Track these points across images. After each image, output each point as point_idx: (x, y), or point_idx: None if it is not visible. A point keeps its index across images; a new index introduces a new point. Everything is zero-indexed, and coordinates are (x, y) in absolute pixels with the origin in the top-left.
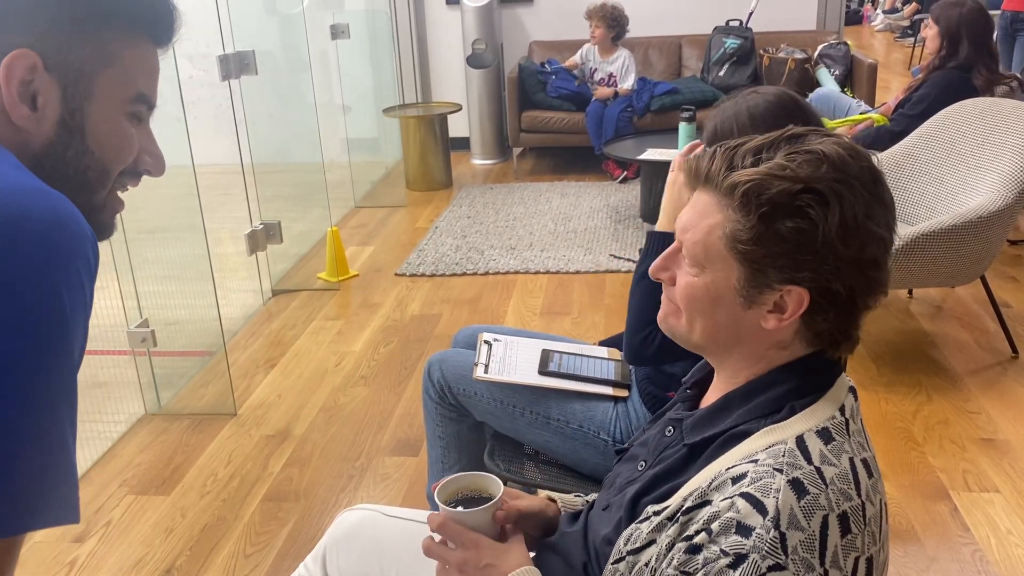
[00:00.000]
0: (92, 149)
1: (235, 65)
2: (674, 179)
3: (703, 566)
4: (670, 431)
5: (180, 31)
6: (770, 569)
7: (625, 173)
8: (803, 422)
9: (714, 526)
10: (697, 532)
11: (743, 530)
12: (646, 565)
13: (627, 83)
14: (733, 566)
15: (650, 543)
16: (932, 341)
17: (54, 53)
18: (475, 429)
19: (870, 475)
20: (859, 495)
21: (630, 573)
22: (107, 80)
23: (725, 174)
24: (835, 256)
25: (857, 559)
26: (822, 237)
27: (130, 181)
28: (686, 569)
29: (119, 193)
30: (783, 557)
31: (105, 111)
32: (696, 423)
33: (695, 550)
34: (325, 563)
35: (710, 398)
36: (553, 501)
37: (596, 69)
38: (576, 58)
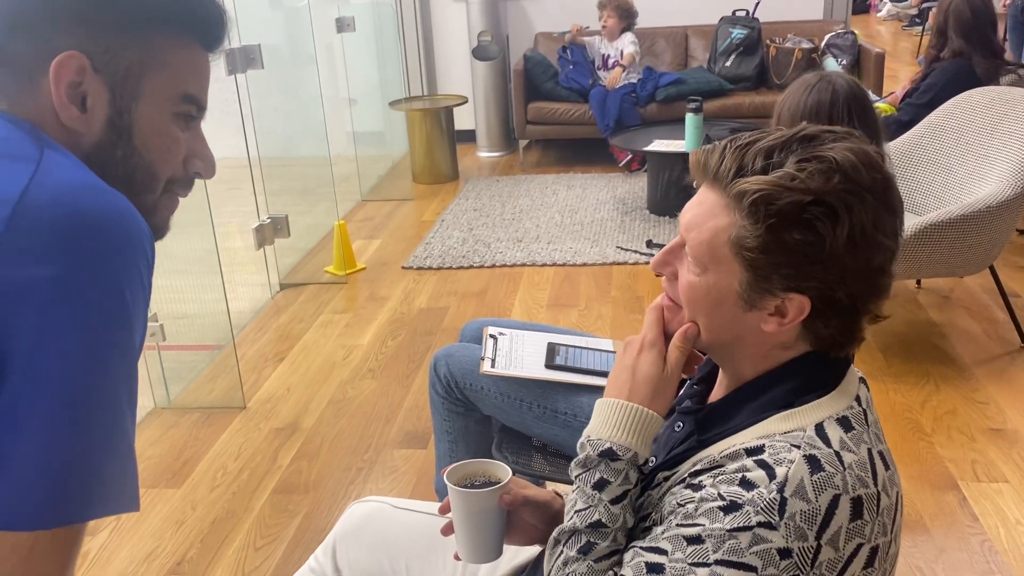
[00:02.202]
0: (139, 150)
1: (241, 59)
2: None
3: (698, 502)
4: (679, 426)
5: (229, 33)
6: (759, 525)
7: (630, 160)
8: (822, 409)
9: (720, 477)
10: (702, 482)
11: (746, 484)
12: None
13: (629, 50)
14: (724, 510)
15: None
16: (940, 331)
17: (102, 54)
18: (482, 423)
19: (887, 467)
20: (875, 485)
21: (640, 533)
22: (155, 82)
23: (734, 176)
24: (840, 267)
25: (860, 546)
26: (829, 250)
27: (182, 188)
28: (680, 500)
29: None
30: (776, 518)
31: (152, 112)
32: (707, 418)
33: (696, 488)
34: (335, 555)
35: (718, 393)
36: (560, 496)
37: (607, 55)
38: (583, 39)
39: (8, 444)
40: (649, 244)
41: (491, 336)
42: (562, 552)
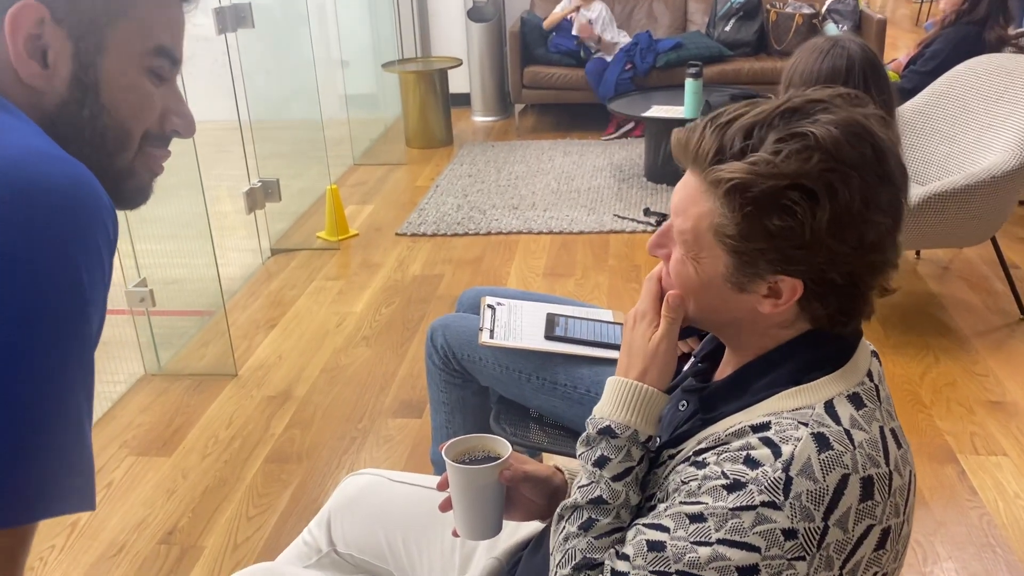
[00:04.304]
0: (108, 108)
1: (231, 18)
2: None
3: (701, 479)
4: (684, 405)
5: None
6: (763, 504)
7: (631, 128)
8: (832, 386)
9: (724, 455)
10: (706, 459)
11: (750, 462)
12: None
13: (608, 35)
14: (728, 489)
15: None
16: (939, 302)
17: (63, 4)
18: (479, 394)
19: (899, 446)
20: (887, 464)
21: (644, 512)
22: (122, 32)
23: (712, 162)
24: (827, 250)
25: (871, 527)
26: (812, 234)
27: (158, 145)
28: (684, 479)
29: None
30: (780, 498)
31: (120, 66)
32: (712, 396)
33: (700, 466)
34: (330, 529)
35: (724, 372)
36: (560, 471)
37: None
38: (562, 5)
39: None
40: (647, 212)
41: (489, 306)
42: (564, 527)
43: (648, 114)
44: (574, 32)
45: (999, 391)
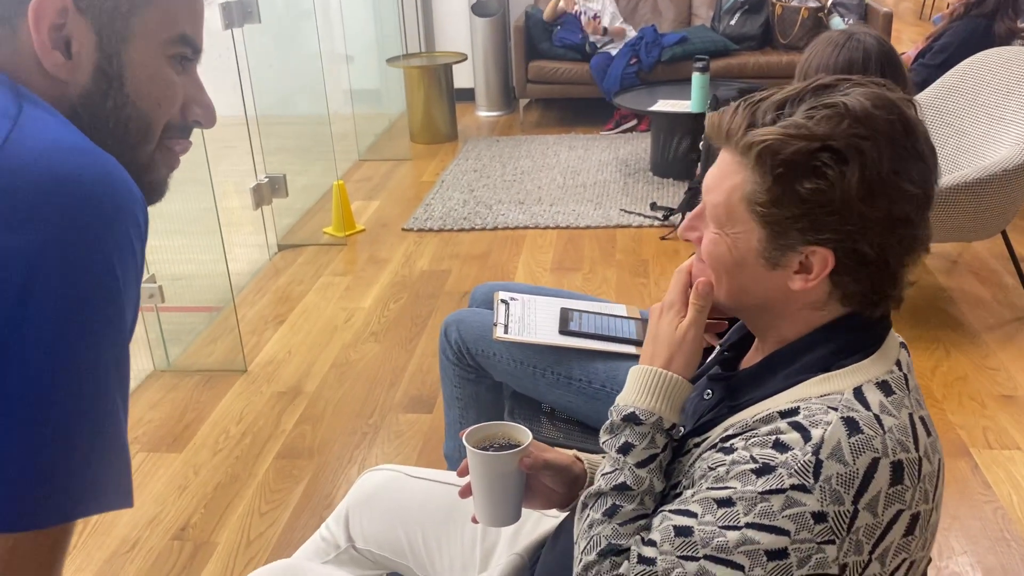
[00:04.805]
0: (132, 98)
1: (238, 12)
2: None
3: (729, 464)
4: (709, 394)
5: None
6: (793, 488)
7: (636, 123)
8: (861, 373)
9: (752, 440)
10: (734, 445)
11: (780, 446)
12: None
13: (616, 23)
14: (757, 473)
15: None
16: (949, 296)
17: None
18: (493, 390)
19: (928, 433)
20: (917, 450)
21: (670, 500)
22: (145, 22)
23: (744, 132)
24: (859, 216)
25: (900, 512)
26: (842, 197)
27: (179, 137)
28: (711, 464)
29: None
30: (811, 481)
31: (144, 55)
32: (739, 384)
33: (727, 451)
34: (348, 525)
35: (751, 360)
36: (580, 460)
37: (582, 12)
38: (562, 4)
39: None
40: (653, 207)
41: (503, 301)
42: (588, 515)
43: (654, 108)
44: (589, 36)
45: (1011, 385)
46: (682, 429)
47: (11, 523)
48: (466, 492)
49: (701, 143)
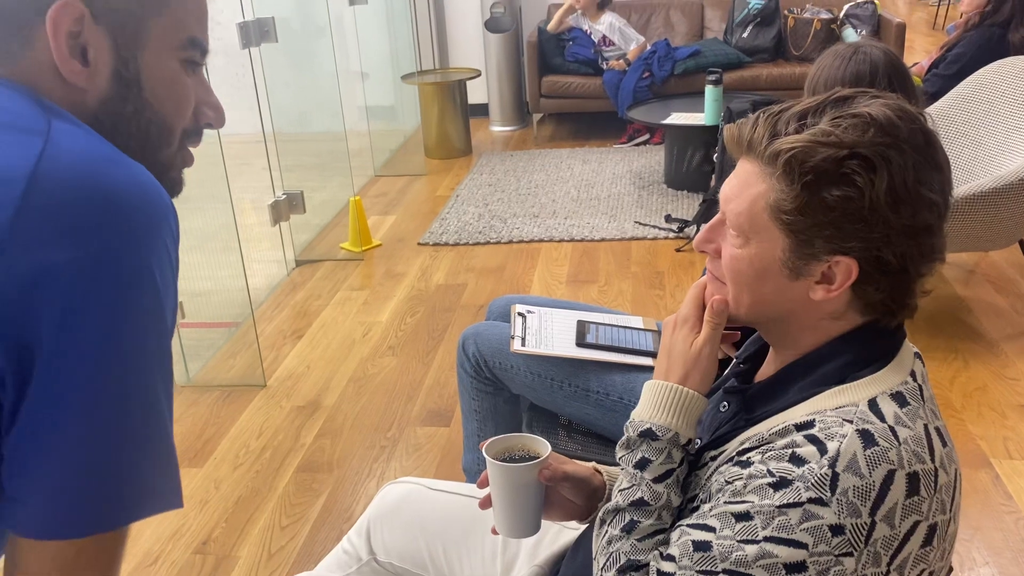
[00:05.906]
0: (151, 103)
1: (255, 32)
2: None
3: (746, 478)
4: (725, 406)
5: None
6: (810, 501)
7: (650, 136)
8: (875, 385)
9: (769, 453)
10: (751, 459)
11: (796, 460)
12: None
13: (632, 45)
14: (774, 487)
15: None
16: (967, 306)
17: (100, 1)
18: (511, 402)
19: (944, 444)
20: (933, 461)
21: (687, 514)
22: (158, 27)
23: (768, 141)
24: (885, 224)
25: (918, 523)
26: (870, 204)
27: (192, 140)
28: (728, 479)
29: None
30: (828, 494)
31: (159, 59)
32: (754, 397)
33: (744, 465)
34: (370, 537)
35: (766, 372)
36: (599, 472)
37: (590, 31)
38: (570, 21)
39: (40, 446)
40: (668, 219)
41: (520, 314)
42: (607, 531)
43: (667, 121)
44: (609, 67)
45: None
46: (698, 442)
47: (77, 530)
48: (486, 504)
49: (715, 155)
